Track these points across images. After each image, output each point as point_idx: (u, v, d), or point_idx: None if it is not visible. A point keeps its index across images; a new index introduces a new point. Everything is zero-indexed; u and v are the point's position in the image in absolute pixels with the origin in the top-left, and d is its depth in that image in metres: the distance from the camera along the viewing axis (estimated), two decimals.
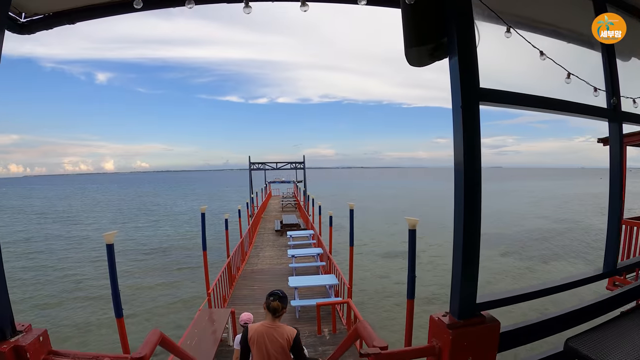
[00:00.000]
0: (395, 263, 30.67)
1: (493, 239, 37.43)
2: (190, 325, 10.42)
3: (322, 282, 15.07)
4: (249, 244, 24.90)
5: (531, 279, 26.76)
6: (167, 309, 21.27)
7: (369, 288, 24.07)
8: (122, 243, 39.55)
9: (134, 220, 57.90)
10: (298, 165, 50.79)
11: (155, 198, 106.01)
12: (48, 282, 26.14)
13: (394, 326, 18.66)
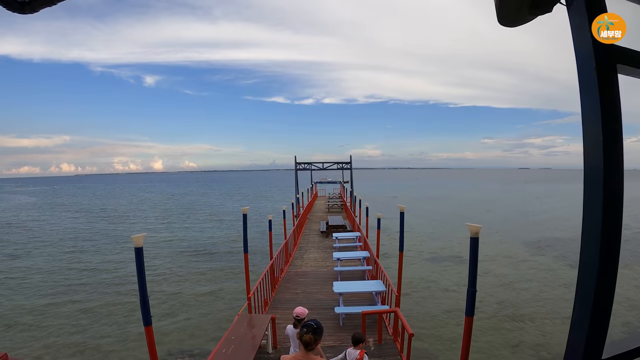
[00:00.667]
0: (443, 268, 29.65)
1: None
2: (228, 331, 9.85)
3: (369, 289, 14.29)
4: (294, 245, 24.35)
5: None
6: (208, 310, 20.97)
7: (415, 293, 23.15)
8: (169, 242, 39.85)
9: (180, 219, 58.50)
10: (344, 166, 50.05)
11: (203, 197, 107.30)
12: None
13: (442, 335, 17.82)
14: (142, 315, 6.56)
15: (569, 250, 35.96)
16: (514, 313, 20.91)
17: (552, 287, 25.55)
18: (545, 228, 48.46)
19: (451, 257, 33.19)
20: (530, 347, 17.18)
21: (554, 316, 20.79)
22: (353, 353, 8.08)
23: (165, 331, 18.03)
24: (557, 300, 23.10)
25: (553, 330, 19.05)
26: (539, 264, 31.20)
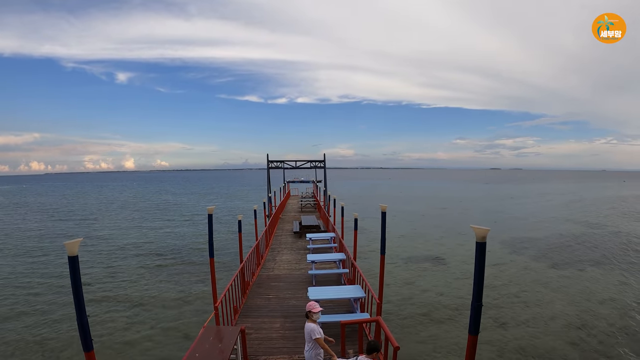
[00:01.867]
0: (421, 269, 29.14)
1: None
2: (190, 348, 8.68)
3: (347, 295, 13.22)
4: (266, 247, 23.32)
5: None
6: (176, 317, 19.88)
7: (393, 297, 22.42)
8: (137, 244, 38.50)
9: (150, 220, 56.83)
10: (318, 164, 49.17)
11: (174, 197, 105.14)
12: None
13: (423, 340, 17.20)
14: (80, 338, 5.38)
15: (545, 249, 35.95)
16: (496, 314, 20.41)
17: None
18: (520, 227, 48.65)
19: (428, 257, 32.75)
20: (513, 350, 16.65)
21: (534, 316, 20.39)
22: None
23: (130, 341, 16.93)
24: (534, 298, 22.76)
25: (535, 331, 18.60)
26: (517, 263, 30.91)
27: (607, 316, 20.32)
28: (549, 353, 16.50)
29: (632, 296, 23.24)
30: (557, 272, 28.30)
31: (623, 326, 19.07)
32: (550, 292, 24.09)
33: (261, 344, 10.84)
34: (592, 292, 23.99)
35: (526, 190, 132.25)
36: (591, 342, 17.43)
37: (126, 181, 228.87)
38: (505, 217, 58.27)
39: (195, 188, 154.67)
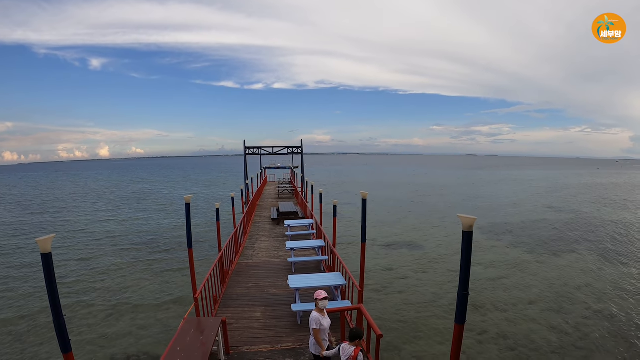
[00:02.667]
0: (398, 255, 29.28)
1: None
2: (172, 341, 8.53)
3: (327, 283, 13.13)
4: (244, 234, 23.13)
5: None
6: (156, 309, 19.61)
7: (373, 283, 22.49)
8: (113, 234, 37.93)
9: (126, 209, 55.84)
10: (295, 150, 48.92)
11: (150, 185, 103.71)
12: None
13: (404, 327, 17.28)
14: (58, 339, 5.17)
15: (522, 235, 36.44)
16: (476, 299, 20.61)
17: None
18: (497, 213, 49.24)
19: (407, 243, 32.89)
20: (493, 335, 16.84)
21: (512, 301, 20.65)
22: (347, 349, 7.35)
23: (110, 335, 16.56)
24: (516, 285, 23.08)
25: (516, 316, 18.85)
26: (495, 249, 31.27)
27: (584, 301, 20.70)
28: (527, 337, 16.74)
29: (607, 281, 23.70)
30: (534, 258, 28.71)
31: (599, 310, 19.45)
32: (528, 277, 24.44)
33: (243, 334, 10.75)
34: (569, 277, 24.39)
35: (502, 176, 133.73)
36: (568, 326, 17.74)
37: (101, 170, 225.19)
38: (482, 203, 58.91)
39: (171, 176, 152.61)
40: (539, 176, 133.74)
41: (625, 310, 19.51)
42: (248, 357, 9.62)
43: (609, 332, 17.20)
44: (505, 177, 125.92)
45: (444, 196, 69.78)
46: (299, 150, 48.89)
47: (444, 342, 16.00)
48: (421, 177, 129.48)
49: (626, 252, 30.33)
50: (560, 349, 15.82)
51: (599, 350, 15.71)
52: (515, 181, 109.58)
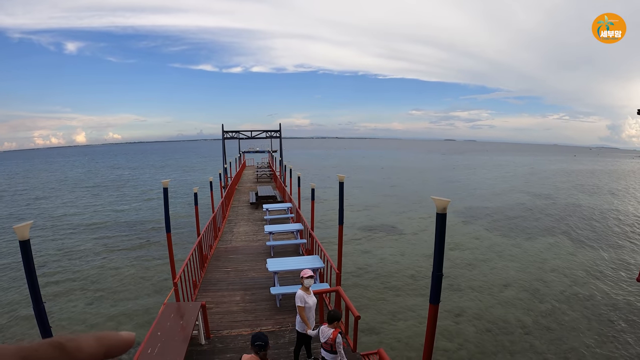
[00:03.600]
0: (376, 238, 29.55)
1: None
2: (152, 326, 8.58)
3: (306, 266, 13.25)
4: (222, 219, 23.12)
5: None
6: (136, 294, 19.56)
7: (351, 267, 22.71)
8: (91, 221, 37.56)
9: (104, 195, 54.93)
10: (273, 134, 48.73)
11: (128, 171, 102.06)
12: None
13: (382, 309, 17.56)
14: (38, 326, 5.20)
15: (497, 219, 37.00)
16: (452, 282, 20.96)
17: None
18: (474, 197, 49.85)
19: (384, 227, 33.17)
20: (469, 317, 17.19)
21: (488, 284, 21.05)
22: (326, 331, 7.48)
23: (90, 323, 16.49)
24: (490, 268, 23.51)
25: (492, 299, 19.23)
26: (472, 233, 31.72)
27: (558, 284, 21.21)
28: (503, 318, 17.13)
29: (581, 265, 24.26)
30: (510, 241, 29.22)
31: (573, 293, 19.97)
32: (503, 260, 24.91)
33: (222, 318, 10.85)
34: (544, 260, 24.90)
35: (480, 161, 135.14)
36: (543, 308, 18.20)
37: (78, 156, 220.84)
38: (459, 188, 59.51)
39: (149, 161, 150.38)
40: (517, 162, 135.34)
41: (599, 293, 20.08)
42: (228, 340, 9.72)
43: (583, 314, 17.70)
44: (483, 163, 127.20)
45: (423, 180, 70.30)
46: (277, 134, 48.76)
47: (422, 323, 16.29)
48: (401, 161, 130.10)
49: (600, 236, 31.06)
50: (535, 331, 16.24)
51: (573, 332, 16.17)
52: (493, 166, 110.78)
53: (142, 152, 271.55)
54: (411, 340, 15.23)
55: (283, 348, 9.30)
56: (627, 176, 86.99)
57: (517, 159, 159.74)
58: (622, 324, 16.78)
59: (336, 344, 7.31)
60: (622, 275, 22.67)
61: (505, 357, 14.51)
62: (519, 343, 15.34)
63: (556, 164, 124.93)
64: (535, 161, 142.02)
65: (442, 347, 14.81)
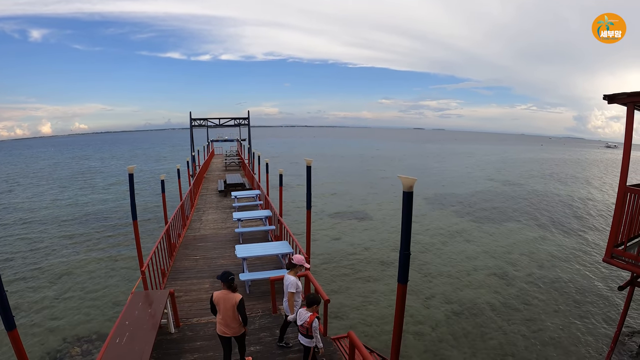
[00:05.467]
0: (346, 224, 29.80)
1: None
2: (120, 316, 8.49)
3: (274, 251, 13.34)
4: (191, 207, 22.97)
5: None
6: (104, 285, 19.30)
7: (321, 252, 22.84)
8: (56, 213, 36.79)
9: (71, 187, 53.71)
10: (242, 122, 48.32)
11: (95, 162, 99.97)
12: None
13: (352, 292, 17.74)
14: (1, 316, 5.12)
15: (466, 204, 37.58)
16: (423, 266, 21.28)
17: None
18: (444, 184, 50.51)
19: (354, 213, 33.43)
20: (440, 301, 17.50)
21: (458, 268, 21.43)
22: (304, 315, 7.50)
23: (58, 315, 16.20)
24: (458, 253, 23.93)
25: (461, 282, 19.60)
26: (441, 218, 32.17)
27: (526, 267, 21.76)
28: (473, 301, 17.50)
29: (546, 248, 24.91)
30: (479, 227, 29.81)
31: (541, 275, 20.53)
32: (472, 245, 25.44)
33: (192, 306, 10.83)
34: (512, 245, 25.48)
35: (449, 149, 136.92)
36: (512, 290, 18.66)
37: (44, 148, 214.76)
38: (430, 175, 60.38)
39: (117, 151, 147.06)
40: (486, 150, 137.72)
41: (566, 275, 20.70)
42: (198, 328, 9.69)
43: (551, 295, 18.24)
44: (452, 151, 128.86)
45: (393, 168, 70.92)
46: (245, 121, 48.37)
47: (391, 306, 16.50)
48: (370, 149, 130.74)
49: (567, 221, 31.98)
50: (505, 313, 16.65)
51: (542, 313, 16.65)
52: (463, 155, 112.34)
53: (109, 142, 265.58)
54: (382, 323, 15.48)
55: (253, 334, 9.30)
56: (592, 165, 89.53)
57: (486, 147, 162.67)
58: (589, 305, 17.36)
59: (312, 329, 7.36)
60: (588, 257, 23.39)
61: (476, 338, 14.84)
62: (489, 325, 15.70)
63: (524, 153, 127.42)
64: (503, 150, 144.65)
65: (413, 330, 15.06)
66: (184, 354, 8.51)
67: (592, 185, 54.79)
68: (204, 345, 8.88)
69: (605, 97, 8.67)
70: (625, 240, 9.05)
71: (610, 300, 17.74)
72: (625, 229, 9.02)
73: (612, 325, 15.36)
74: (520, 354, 13.90)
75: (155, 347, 8.12)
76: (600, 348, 14.08)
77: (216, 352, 8.45)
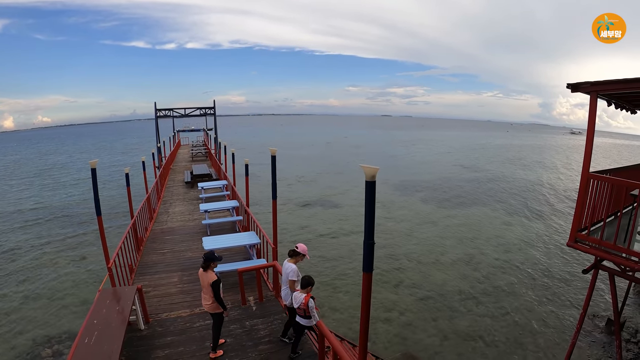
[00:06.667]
0: (313, 213, 29.95)
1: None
2: (88, 315, 8.40)
3: (242, 242, 13.41)
4: (157, 200, 22.73)
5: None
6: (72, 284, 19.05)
7: (289, 242, 22.88)
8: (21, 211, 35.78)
9: (35, 184, 52.08)
10: (208, 111, 47.77)
11: (59, 156, 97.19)
12: None
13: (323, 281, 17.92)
14: None
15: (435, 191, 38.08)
16: (390, 253, 21.57)
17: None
18: (410, 171, 51.01)
19: (320, 201, 33.59)
20: (408, 286, 17.82)
21: (425, 253, 21.79)
22: (299, 297, 7.72)
23: (27, 316, 15.96)
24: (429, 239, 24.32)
25: (429, 268, 19.95)
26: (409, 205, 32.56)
27: (493, 251, 22.29)
28: (441, 286, 17.91)
29: (512, 233, 25.54)
30: (445, 212, 30.35)
31: (506, 259, 21.06)
32: (440, 230, 25.94)
33: (161, 301, 10.81)
34: (478, 230, 26.01)
35: (417, 136, 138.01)
36: (479, 275, 19.13)
37: (6, 142, 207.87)
38: (397, 162, 60.97)
39: (82, 144, 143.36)
40: (453, 137, 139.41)
41: (532, 258, 21.34)
42: (168, 323, 9.68)
43: (518, 278, 18.81)
44: (420, 137, 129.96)
45: (360, 155, 71.25)
46: (212, 111, 47.87)
47: (360, 292, 16.73)
48: (338, 137, 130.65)
49: (532, 206, 32.83)
50: (472, 297, 17.11)
51: (509, 296, 17.18)
52: (430, 141, 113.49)
53: (74, 135, 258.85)
54: (352, 311, 15.71)
55: (223, 327, 9.34)
56: (558, 151, 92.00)
57: (453, 133, 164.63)
58: (555, 288, 17.99)
59: (309, 308, 7.59)
60: (553, 242, 24.08)
61: (444, 322, 15.23)
62: (458, 309, 16.12)
63: (491, 139, 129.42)
64: (470, 136, 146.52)
65: (383, 317, 15.35)
66: (155, 351, 8.50)
67: (558, 170, 56.40)
68: (175, 340, 8.90)
69: (569, 85, 8.87)
70: (589, 225, 9.37)
71: (575, 283, 18.41)
72: (588, 214, 9.32)
73: (577, 307, 15.96)
74: (489, 336, 14.34)
75: (125, 345, 8.12)
76: (567, 328, 14.61)
77: (187, 347, 8.53)
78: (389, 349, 13.50)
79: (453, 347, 13.75)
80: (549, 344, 13.85)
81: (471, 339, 14.16)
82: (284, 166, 50.87)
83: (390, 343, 13.96)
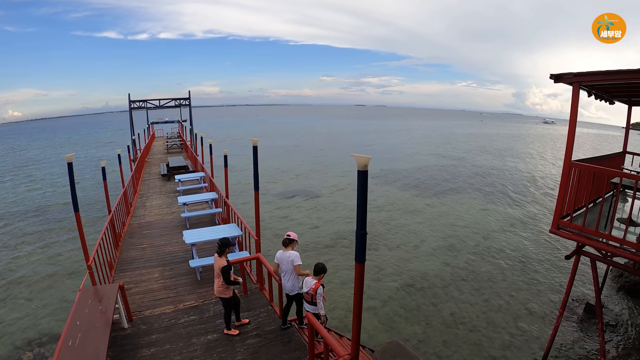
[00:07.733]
0: (293, 202, 29.85)
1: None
2: (70, 316, 8.12)
3: (223, 234, 13.13)
4: (134, 193, 22.38)
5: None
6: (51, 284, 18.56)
7: (270, 233, 22.82)
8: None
9: (8, 183, 50.52)
10: (182, 102, 47.21)
11: (31, 152, 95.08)
12: None
13: None
14: None
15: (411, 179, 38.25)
16: (370, 242, 21.56)
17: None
18: (388, 160, 51.16)
19: (301, 191, 33.50)
20: (390, 274, 17.84)
21: (405, 242, 21.85)
22: (310, 282, 7.92)
23: (5, 320, 15.43)
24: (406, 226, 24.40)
25: (410, 255, 20.01)
26: (387, 193, 32.65)
27: (473, 238, 22.49)
28: (422, 273, 18.00)
29: (492, 220, 25.80)
30: (424, 200, 30.53)
31: (487, 246, 21.28)
32: (419, 218, 26.08)
33: (143, 298, 10.57)
34: (457, 217, 26.23)
35: (392, 126, 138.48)
36: (459, 262, 19.29)
37: None
38: (374, 151, 61.01)
39: (54, 139, 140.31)
40: (427, 126, 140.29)
41: (512, 245, 21.57)
42: (152, 320, 9.46)
43: (498, 265, 19.01)
44: (395, 127, 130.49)
45: (337, 145, 71.25)
46: (186, 102, 47.34)
47: (345, 283, 16.80)
48: (313, 127, 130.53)
49: (511, 194, 33.20)
50: (454, 283, 17.20)
51: (489, 282, 17.33)
52: (405, 130, 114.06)
53: (45, 129, 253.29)
54: (337, 301, 15.66)
55: (209, 322, 9.24)
56: (532, 140, 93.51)
57: (428, 123, 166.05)
58: (538, 274, 18.25)
59: (317, 295, 7.75)
60: (535, 228, 24.40)
61: (428, 308, 15.32)
62: (440, 295, 16.24)
63: (465, 128, 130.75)
64: (445, 125, 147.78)
65: (365, 306, 15.26)
66: (141, 349, 8.29)
67: (535, 159, 57.25)
68: (160, 337, 8.70)
69: (552, 76, 8.90)
70: (571, 211, 9.48)
71: (558, 269, 18.66)
72: (570, 201, 9.44)
73: (559, 293, 16.21)
74: (472, 322, 14.47)
75: (110, 345, 7.92)
76: (550, 313, 14.82)
77: (173, 344, 8.36)
78: (374, 338, 13.54)
79: (437, 334, 13.84)
80: (532, 328, 14.04)
81: (454, 326, 14.27)
82: (261, 157, 50.51)
83: (375, 331, 14.00)
